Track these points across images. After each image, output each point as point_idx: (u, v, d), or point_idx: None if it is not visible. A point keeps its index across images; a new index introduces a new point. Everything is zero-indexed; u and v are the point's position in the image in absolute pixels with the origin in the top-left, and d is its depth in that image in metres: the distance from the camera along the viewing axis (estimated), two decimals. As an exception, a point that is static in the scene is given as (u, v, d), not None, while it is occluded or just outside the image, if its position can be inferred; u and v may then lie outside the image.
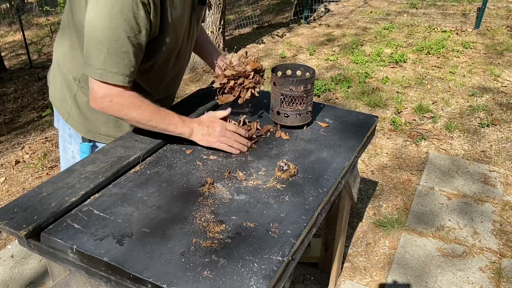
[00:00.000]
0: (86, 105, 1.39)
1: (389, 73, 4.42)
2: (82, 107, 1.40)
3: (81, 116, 1.41)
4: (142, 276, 0.94)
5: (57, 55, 1.41)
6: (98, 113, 1.40)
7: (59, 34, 1.40)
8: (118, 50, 1.16)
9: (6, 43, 8.14)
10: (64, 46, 1.37)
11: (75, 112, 1.41)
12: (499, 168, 2.93)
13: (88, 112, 1.40)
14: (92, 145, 1.46)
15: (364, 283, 2.12)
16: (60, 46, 1.39)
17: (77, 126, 1.44)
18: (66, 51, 1.36)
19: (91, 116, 1.41)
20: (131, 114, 1.26)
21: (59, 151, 1.58)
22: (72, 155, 1.51)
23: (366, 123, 1.62)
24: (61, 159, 1.58)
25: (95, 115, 1.40)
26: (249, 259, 0.99)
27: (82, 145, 1.45)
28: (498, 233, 2.37)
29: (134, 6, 1.12)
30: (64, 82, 1.39)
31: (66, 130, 1.49)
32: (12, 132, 3.94)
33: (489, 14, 6.17)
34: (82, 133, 1.44)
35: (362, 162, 3.04)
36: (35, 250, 1.10)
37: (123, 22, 1.12)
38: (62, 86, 1.41)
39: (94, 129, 1.43)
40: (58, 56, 1.41)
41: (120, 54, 1.17)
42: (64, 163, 1.57)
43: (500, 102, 3.78)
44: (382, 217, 2.53)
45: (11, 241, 2.41)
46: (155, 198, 1.19)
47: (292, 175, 1.29)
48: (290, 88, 1.48)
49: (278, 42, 5.61)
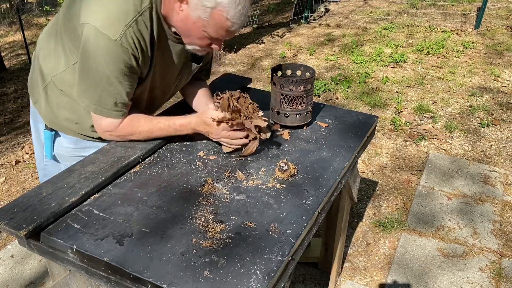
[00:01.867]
0: (53, 100, 1.41)
1: (389, 73, 4.42)
2: (49, 99, 1.42)
3: (47, 106, 1.43)
4: (142, 276, 0.94)
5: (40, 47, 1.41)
6: (62, 109, 1.41)
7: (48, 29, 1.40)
8: (111, 92, 1.24)
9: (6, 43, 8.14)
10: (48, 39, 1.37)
11: (42, 101, 1.43)
12: (499, 168, 2.93)
13: (54, 106, 1.42)
14: (54, 134, 1.47)
15: (364, 283, 2.12)
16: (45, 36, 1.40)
17: (42, 113, 1.46)
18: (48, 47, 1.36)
19: (56, 111, 1.42)
20: (132, 138, 1.39)
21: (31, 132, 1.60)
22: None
23: (366, 123, 1.62)
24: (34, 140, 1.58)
25: (60, 111, 1.42)
26: (249, 259, 0.99)
27: (45, 132, 1.47)
28: (498, 233, 2.37)
29: (126, 58, 1.19)
30: (39, 72, 1.41)
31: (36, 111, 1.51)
32: (12, 132, 3.94)
33: (489, 14, 6.17)
34: (45, 121, 1.46)
35: (362, 162, 3.04)
36: (35, 250, 1.10)
37: (115, 71, 1.20)
38: (37, 73, 1.43)
39: (56, 121, 1.44)
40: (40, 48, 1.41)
41: (113, 95, 1.25)
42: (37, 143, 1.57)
43: (500, 102, 3.78)
44: (382, 217, 2.53)
45: (11, 241, 2.41)
46: (155, 198, 1.19)
47: (292, 175, 1.29)
48: (290, 88, 1.48)
49: (278, 42, 5.61)
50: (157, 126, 1.38)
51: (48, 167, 1.55)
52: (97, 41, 1.15)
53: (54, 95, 1.40)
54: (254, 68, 4.83)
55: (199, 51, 1.34)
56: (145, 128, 1.37)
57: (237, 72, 4.69)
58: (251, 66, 4.89)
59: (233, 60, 5.06)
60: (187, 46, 1.32)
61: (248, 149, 1.41)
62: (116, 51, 1.16)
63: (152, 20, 1.21)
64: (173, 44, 1.34)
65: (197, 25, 1.21)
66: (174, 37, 1.31)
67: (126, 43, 1.16)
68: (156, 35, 1.25)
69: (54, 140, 1.48)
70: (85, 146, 1.48)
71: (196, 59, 1.48)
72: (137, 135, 1.38)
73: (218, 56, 5.10)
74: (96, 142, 1.48)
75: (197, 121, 1.39)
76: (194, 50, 1.33)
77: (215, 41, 1.27)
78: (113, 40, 1.14)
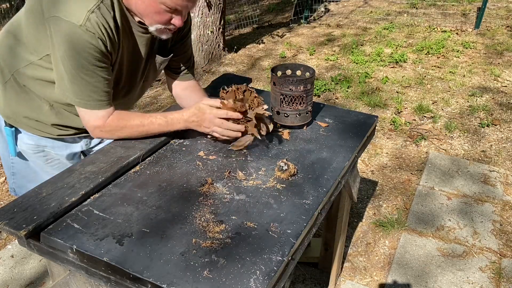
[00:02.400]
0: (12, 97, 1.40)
1: (389, 73, 4.42)
2: (8, 95, 1.41)
3: (5, 103, 1.43)
4: (142, 276, 0.94)
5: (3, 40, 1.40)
6: (22, 107, 1.41)
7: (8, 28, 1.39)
8: (90, 82, 1.24)
9: (6, 43, 8.13)
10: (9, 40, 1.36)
11: (1, 97, 1.43)
12: (499, 168, 2.93)
13: (13, 103, 1.41)
14: (14, 130, 1.46)
15: (364, 283, 2.12)
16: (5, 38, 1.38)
17: (0, 109, 1.45)
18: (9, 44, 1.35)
19: (14, 108, 1.42)
20: (122, 135, 1.38)
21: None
22: None
23: (366, 123, 1.62)
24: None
25: (19, 108, 1.41)
26: (249, 259, 0.99)
27: (5, 129, 1.46)
28: (498, 233, 2.37)
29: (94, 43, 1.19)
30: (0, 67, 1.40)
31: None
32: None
33: (489, 14, 6.17)
34: (4, 117, 1.45)
35: (362, 162, 3.04)
36: (35, 250, 1.10)
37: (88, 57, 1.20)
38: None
39: (15, 117, 1.44)
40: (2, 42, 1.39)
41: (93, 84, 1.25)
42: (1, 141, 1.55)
43: (500, 102, 3.78)
44: (382, 217, 2.53)
45: (11, 241, 2.41)
46: (155, 198, 1.19)
47: (292, 175, 1.29)
48: (290, 88, 1.48)
49: (278, 42, 5.61)
50: (149, 119, 1.36)
51: (15, 164, 1.54)
52: (63, 30, 1.16)
53: (13, 92, 1.39)
54: (254, 68, 4.83)
55: (162, 32, 1.32)
56: (136, 121, 1.36)
57: (237, 72, 4.69)
58: (251, 66, 4.89)
59: (233, 60, 5.06)
60: (150, 28, 1.30)
61: (240, 142, 1.41)
62: (83, 37, 1.16)
63: (113, 7, 1.22)
64: (139, 35, 1.35)
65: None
66: (139, 26, 1.32)
67: (91, 27, 1.16)
68: (119, 22, 1.25)
69: (16, 137, 1.47)
70: (45, 144, 1.48)
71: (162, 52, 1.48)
72: (127, 129, 1.36)
73: (218, 56, 5.10)
74: (57, 141, 1.47)
75: (190, 111, 1.37)
76: (156, 30, 1.31)
77: (175, 13, 1.26)
78: (77, 25, 1.15)
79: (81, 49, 1.18)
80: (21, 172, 1.55)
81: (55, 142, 1.48)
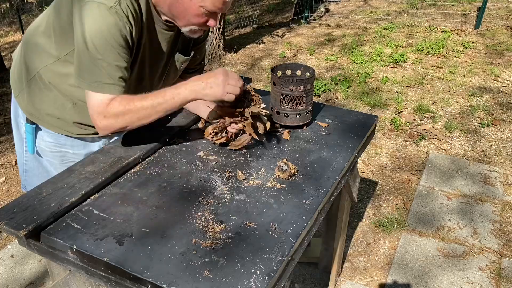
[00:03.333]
0: (36, 94, 1.41)
1: (389, 73, 4.42)
2: (33, 92, 1.42)
3: (29, 100, 1.43)
4: (142, 276, 0.94)
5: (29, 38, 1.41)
6: (45, 104, 1.41)
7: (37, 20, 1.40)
8: (111, 64, 1.21)
9: (6, 43, 8.14)
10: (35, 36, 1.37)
11: (25, 94, 1.44)
12: (499, 168, 2.93)
13: (36, 100, 1.42)
14: (35, 127, 1.47)
15: (364, 283, 2.12)
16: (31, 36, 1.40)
17: (23, 106, 1.46)
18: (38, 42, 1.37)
19: (38, 105, 1.42)
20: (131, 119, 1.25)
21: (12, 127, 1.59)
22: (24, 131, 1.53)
23: (366, 123, 1.62)
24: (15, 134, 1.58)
25: (42, 105, 1.42)
26: (249, 259, 0.99)
27: (26, 125, 1.47)
28: (498, 233, 2.37)
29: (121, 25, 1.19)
30: (24, 65, 1.42)
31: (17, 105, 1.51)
32: (12, 132, 3.94)
33: (489, 14, 6.17)
34: (26, 114, 1.46)
35: (362, 162, 3.03)
36: (35, 250, 1.10)
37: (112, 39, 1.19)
38: (21, 66, 1.43)
39: (37, 114, 1.44)
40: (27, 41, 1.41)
41: (113, 67, 1.22)
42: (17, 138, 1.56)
43: (500, 102, 3.78)
44: (382, 217, 2.53)
45: (11, 241, 2.41)
46: (155, 198, 1.19)
47: (292, 175, 1.29)
48: (290, 88, 1.48)
49: (278, 42, 5.61)
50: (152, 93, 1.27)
51: (28, 162, 1.55)
52: (94, 10, 1.17)
53: (37, 89, 1.40)
54: (254, 68, 4.83)
55: (195, 32, 1.33)
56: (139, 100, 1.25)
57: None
58: (251, 66, 4.89)
59: (233, 60, 5.06)
60: (183, 29, 1.31)
61: (239, 141, 1.41)
62: (112, 18, 1.17)
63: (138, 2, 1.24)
64: (162, 31, 1.35)
65: (194, 1, 1.22)
66: (163, 24, 1.33)
67: (120, 11, 1.18)
68: (144, 17, 1.27)
69: (36, 135, 1.48)
70: (64, 143, 1.48)
71: (184, 51, 1.49)
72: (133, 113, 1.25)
73: (218, 56, 5.10)
74: (76, 139, 1.48)
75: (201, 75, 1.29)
76: (190, 31, 1.32)
77: (212, 16, 1.27)
78: (108, 7, 1.17)
79: (109, 29, 1.18)
80: (33, 170, 1.56)
81: (75, 141, 1.49)
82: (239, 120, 1.37)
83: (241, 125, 1.37)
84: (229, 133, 1.41)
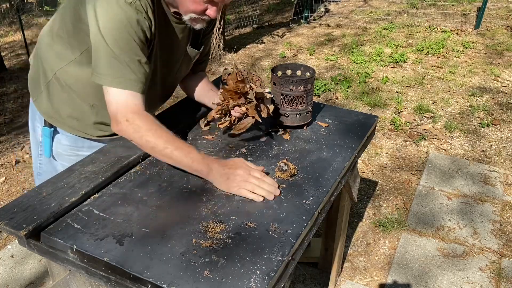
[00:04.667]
0: (55, 96, 1.40)
1: (389, 73, 4.42)
2: (51, 95, 1.41)
3: (48, 102, 1.42)
4: (142, 276, 0.94)
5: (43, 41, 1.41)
6: (64, 106, 1.41)
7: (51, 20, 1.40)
8: (133, 58, 1.19)
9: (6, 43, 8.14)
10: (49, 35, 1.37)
11: (44, 97, 1.43)
12: (499, 168, 2.93)
13: (55, 102, 1.41)
14: (53, 130, 1.46)
15: (364, 283, 2.12)
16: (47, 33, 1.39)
17: (42, 109, 1.45)
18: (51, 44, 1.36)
19: (57, 107, 1.42)
20: (147, 138, 1.21)
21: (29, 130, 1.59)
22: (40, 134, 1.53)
23: (366, 123, 1.62)
24: (31, 137, 1.58)
25: (61, 107, 1.41)
26: (249, 259, 0.99)
27: (44, 129, 1.46)
28: (498, 233, 2.37)
29: (141, 20, 1.19)
30: (41, 68, 1.41)
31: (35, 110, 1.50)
32: (12, 132, 3.94)
33: (489, 14, 6.17)
34: (45, 117, 1.45)
35: (362, 162, 3.03)
36: (35, 250, 1.10)
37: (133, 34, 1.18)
38: (38, 69, 1.43)
39: (56, 117, 1.44)
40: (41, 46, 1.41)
41: (136, 62, 1.20)
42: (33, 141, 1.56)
43: (500, 102, 3.78)
44: (382, 217, 2.53)
45: (11, 241, 2.41)
46: (155, 198, 1.19)
47: (292, 175, 1.29)
48: (290, 88, 1.48)
49: (278, 42, 5.61)
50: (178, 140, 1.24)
51: (42, 165, 1.55)
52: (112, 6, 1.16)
53: (56, 91, 1.40)
54: (254, 68, 4.83)
55: (196, 22, 1.31)
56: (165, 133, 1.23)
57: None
58: (251, 66, 4.89)
59: (233, 60, 5.06)
60: (184, 17, 1.30)
61: (242, 124, 1.42)
62: (131, 13, 1.17)
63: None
64: (174, 25, 1.36)
65: None
66: (174, 16, 1.34)
67: (140, 6, 1.18)
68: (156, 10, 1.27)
69: (53, 138, 1.48)
70: (82, 145, 1.48)
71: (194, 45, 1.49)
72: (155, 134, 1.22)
73: (218, 56, 5.10)
74: (94, 142, 1.48)
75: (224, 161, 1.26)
76: (191, 20, 1.31)
77: (211, 4, 1.26)
78: (128, 3, 1.16)
79: (128, 25, 1.17)
80: (46, 174, 1.55)
81: (93, 143, 1.48)
82: (243, 103, 1.38)
83: (244, 108, 1.39)
84: (232, 117, 1.43)
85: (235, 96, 1.39)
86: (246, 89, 1.37)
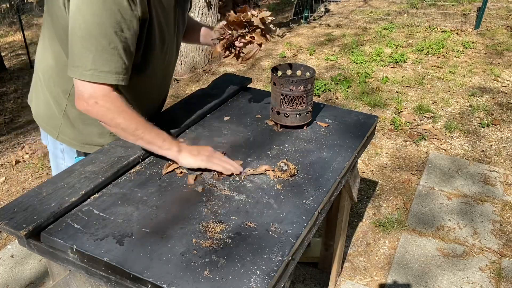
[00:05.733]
0: (79, 119, 1.34)
1: (389, 73, 4.42)
2: (74, 121, 1.35)
3: (73, 130, 1.36)
4: (142, 276, 0.94)
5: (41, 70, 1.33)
6: (92, 126, 1.36)
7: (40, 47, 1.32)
8: (107, 46, 1.10)
9: (6, 43, 8.14)
10: (47, 58, 1.30)
11: (66, 128, 1.36)
12: (499, 168, 2.93)
13: (81, 125, 1.36)
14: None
15: (364, 283, 2.12)
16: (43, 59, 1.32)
17: (69, 141, 1.39)
18: (51, 63, 1.29)
19: (85, 130, 1.36)
20: (117, 120, 1.18)
21: (51, 167, 1.52)
22: None
23: (366, 123, 1.62)
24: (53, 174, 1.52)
25: (89, 128, 1.36)
26: (249, 259, 0.99)
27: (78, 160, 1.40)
28: (498, 233, 2.37)
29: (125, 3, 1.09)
30: (52, 98, 1.33)
31: (57, 146, 1.43)
32: (12, 132, 3.94)
33: (489, 14, 6.17)
34: (77, 148, 1.39)
35: (362, 162, 3.04)
36: (35, 250, 1.10)
37: (108, 17, 1.08)
38: (49, 102, 1.35)
39: (89, 141, 1.39)
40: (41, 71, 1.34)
41: (110, 50, 1.11)
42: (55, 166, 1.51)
43: (500, 102, 3.78)
44: (382, 217, 2.53)
45: (11, 241, 2.41)
46: (155, 198, 1.19)
47: (292, 175, 1.29)
48: (290, 88, 1.48)
49: (278, 42, 5.61)
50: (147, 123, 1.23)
51: None
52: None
53: (75, 115, 1.33)
54: (254, 68, 4.83)
55: None
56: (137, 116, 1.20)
57: (237, 72, 4.69)
58: (251, 66, 4.88)
59: (233, 60, 5.06)
60: None
61: (249, 53, 1.44)
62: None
63: None
64: None
65: None
66: None
67: None
68: None
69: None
70: None
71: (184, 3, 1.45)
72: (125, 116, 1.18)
73: (218, 56, 5.10)
74: None
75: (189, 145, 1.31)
76: None
77: None
78: None
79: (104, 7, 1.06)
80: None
81: None
82: (246, 33, 1.38)
83: (248, 38, 1.40)
84: (237, 48, 1.44)
85: (238, 26, 1.39)
86: (248, 17, 1.36)
